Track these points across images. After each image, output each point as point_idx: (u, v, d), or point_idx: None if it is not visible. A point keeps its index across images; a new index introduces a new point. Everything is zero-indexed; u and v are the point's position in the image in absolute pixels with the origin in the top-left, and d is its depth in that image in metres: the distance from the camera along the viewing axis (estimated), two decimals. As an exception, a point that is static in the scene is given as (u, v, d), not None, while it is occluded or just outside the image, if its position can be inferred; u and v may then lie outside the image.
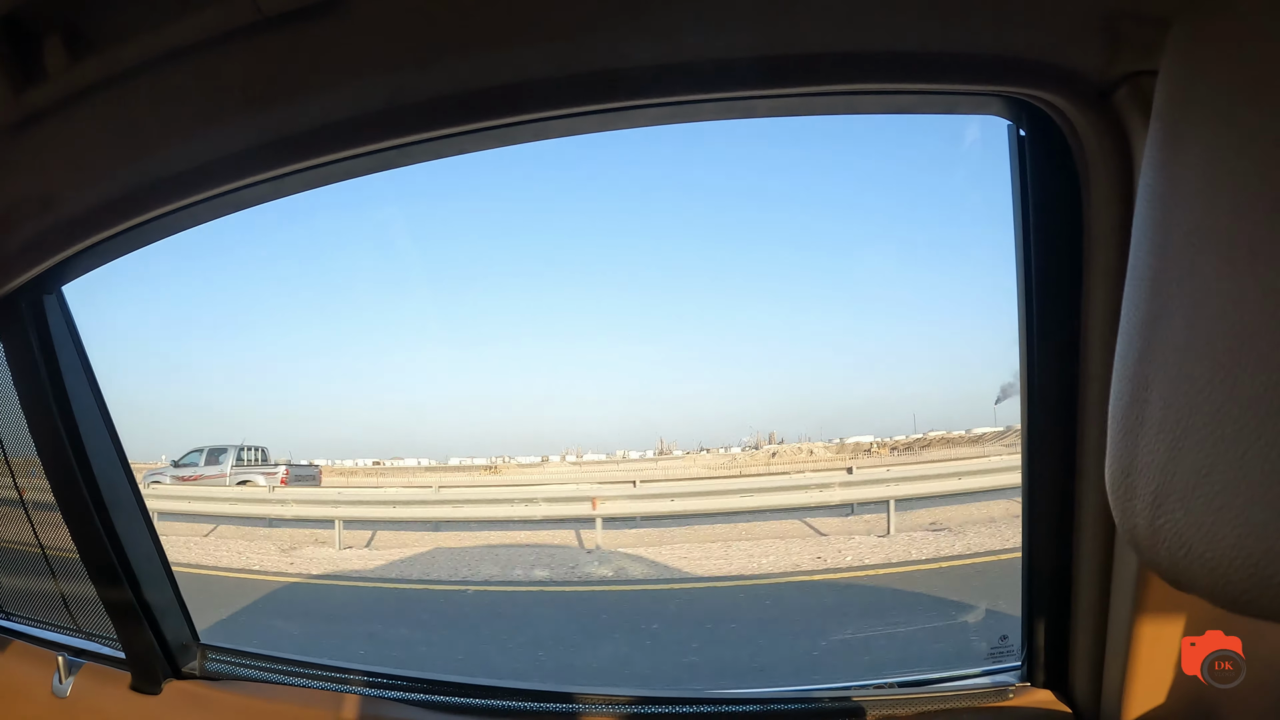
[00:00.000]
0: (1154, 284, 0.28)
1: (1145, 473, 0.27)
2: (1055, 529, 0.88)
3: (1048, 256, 0.82)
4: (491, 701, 1.02)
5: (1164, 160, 0.28)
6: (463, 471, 14.74)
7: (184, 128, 0.80)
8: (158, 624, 1.16)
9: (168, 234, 1.04)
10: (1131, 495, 0.27)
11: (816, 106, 0.80)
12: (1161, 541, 0.26)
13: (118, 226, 0.97)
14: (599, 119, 0.80)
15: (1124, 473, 0.28)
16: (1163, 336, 0.27)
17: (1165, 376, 0.26)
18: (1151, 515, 0.26)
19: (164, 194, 0.91)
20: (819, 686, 0.98)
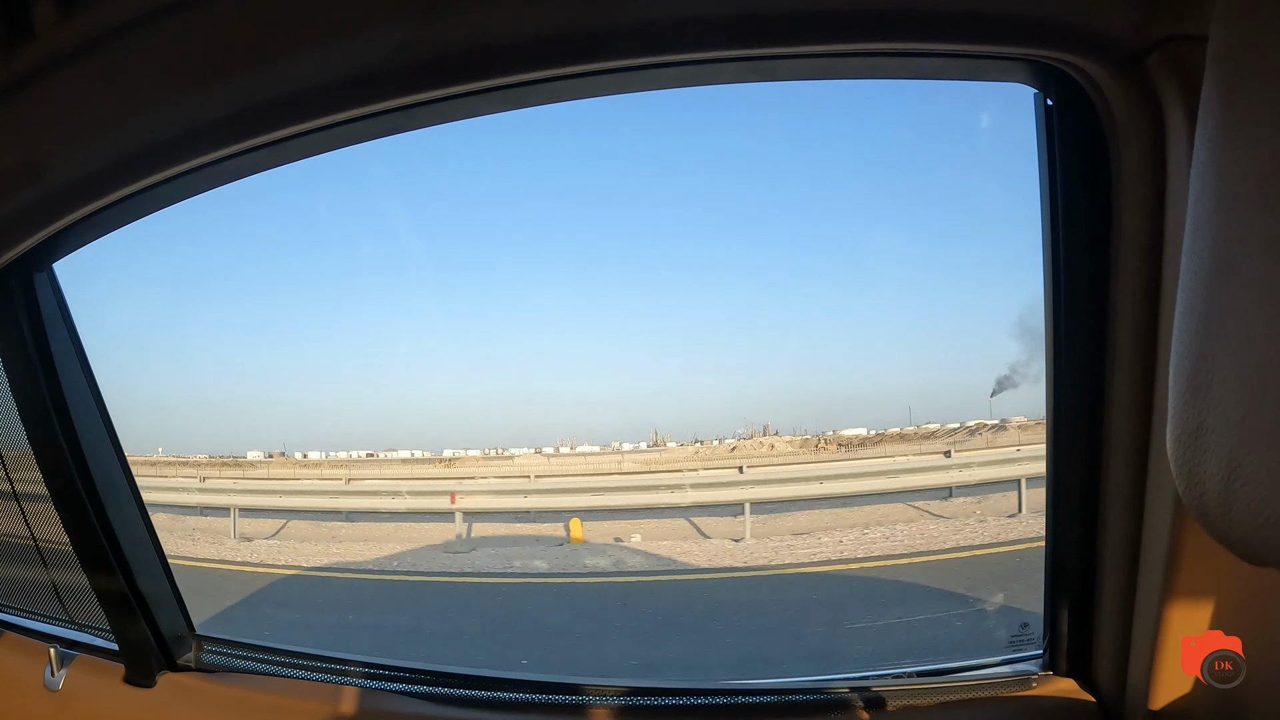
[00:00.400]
0: (1221, 232, 0.25)
1: (1217, 433, 0.24)
2: (1080, 515, 0.86)
3: (1075, 229, 0.80)
4: (489, 693, 0.99)
5: (1226, 105, 0.26)
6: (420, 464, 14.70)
7: (181, 88, 0.77)
8: (152, 615, 1.13)
9: (162, 205, 1.01)
10: (1199, 460, 0.25)
11: (838, 68, 0.78)
12: (1236, 509, 0.23)
13: (111, 196, 0.93)
14: (612, 79, 0.77)
15: (1191, 435, 0.25)
16: (1233, 286, 0.24)
17: (1237, 328, 0.24)
18: (1225, 480, 0.24)
19: (159, 160, 0.87)
20: (837, 676, 0.96)
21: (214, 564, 5.70)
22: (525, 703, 0.97)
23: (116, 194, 0.93)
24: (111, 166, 0.89)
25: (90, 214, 0.97)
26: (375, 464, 14.25)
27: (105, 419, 1.13)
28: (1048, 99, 0.79)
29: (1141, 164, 0.72)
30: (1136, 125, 0.71)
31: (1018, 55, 0.74)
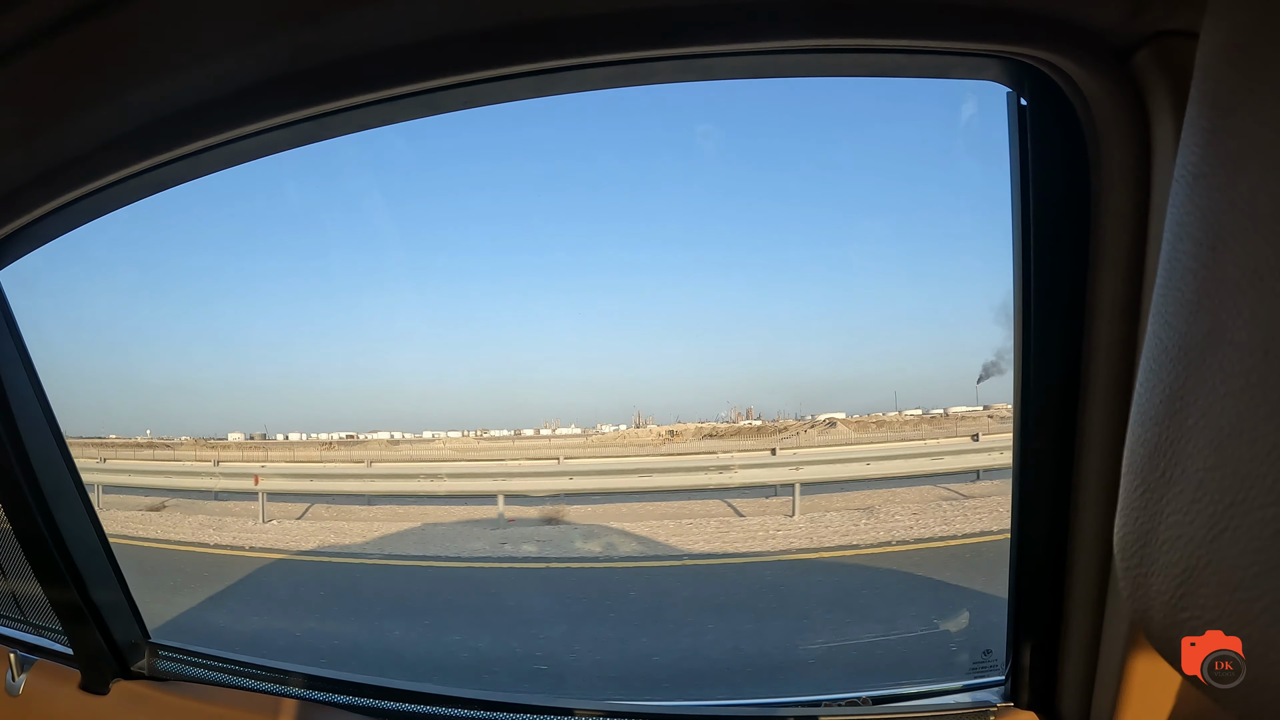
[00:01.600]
0: (1199, 301, 0.20)
1: (1169, 548, 0.20)
2: (1047, 541, 0.81)
3: (1049, 242, 0.74)
4: (439, 709, 0.97)
5: (1215, 137, 0.20)
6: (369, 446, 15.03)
7: (143, 76, 0.73)
8: (104, 622, 1.12)
9: (118, 205, 0.97)
10: (1147, 573, 0.21)
11: (785, 67, 0.72)
12: (1184, 640, 0.20)
13: (61, 198, 0.90)
14: (543, 80, 0.72)
15: (1139, 541, 0.21)
16: (1210, 374, 0.19)
17: (1211, 427, 0.19)
18: (1172, 606, 0.20)
19: (115, 158, 0.84)
20: (789, 700, 0.93)
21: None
22: None
23: (69, 195, 0.89)
24: (64, 165, 0.85)
25: (39, 217, 0.94)
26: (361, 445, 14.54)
27: (54, 426, 1.11)
28: (1021, 98, 0.73)
29: (1124, 173, 0.66)
30: (1120, 128, 0.65)
31: (989, 52, 0.68)
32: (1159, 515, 0.21)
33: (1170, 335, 0.21)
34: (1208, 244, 0.20)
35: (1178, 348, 0.21)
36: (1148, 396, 0.22)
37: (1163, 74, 0.61)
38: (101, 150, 0.83)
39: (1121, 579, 0.23)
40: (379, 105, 0.77)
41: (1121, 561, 0.22)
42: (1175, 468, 0.20)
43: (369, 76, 0.72)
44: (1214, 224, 0.20)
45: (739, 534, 5.46)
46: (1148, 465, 0.21)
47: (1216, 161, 0.20)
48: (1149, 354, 0.22)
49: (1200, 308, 0.20)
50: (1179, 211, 0.22)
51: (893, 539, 5.00)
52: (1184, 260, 0.21)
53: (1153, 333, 0.22)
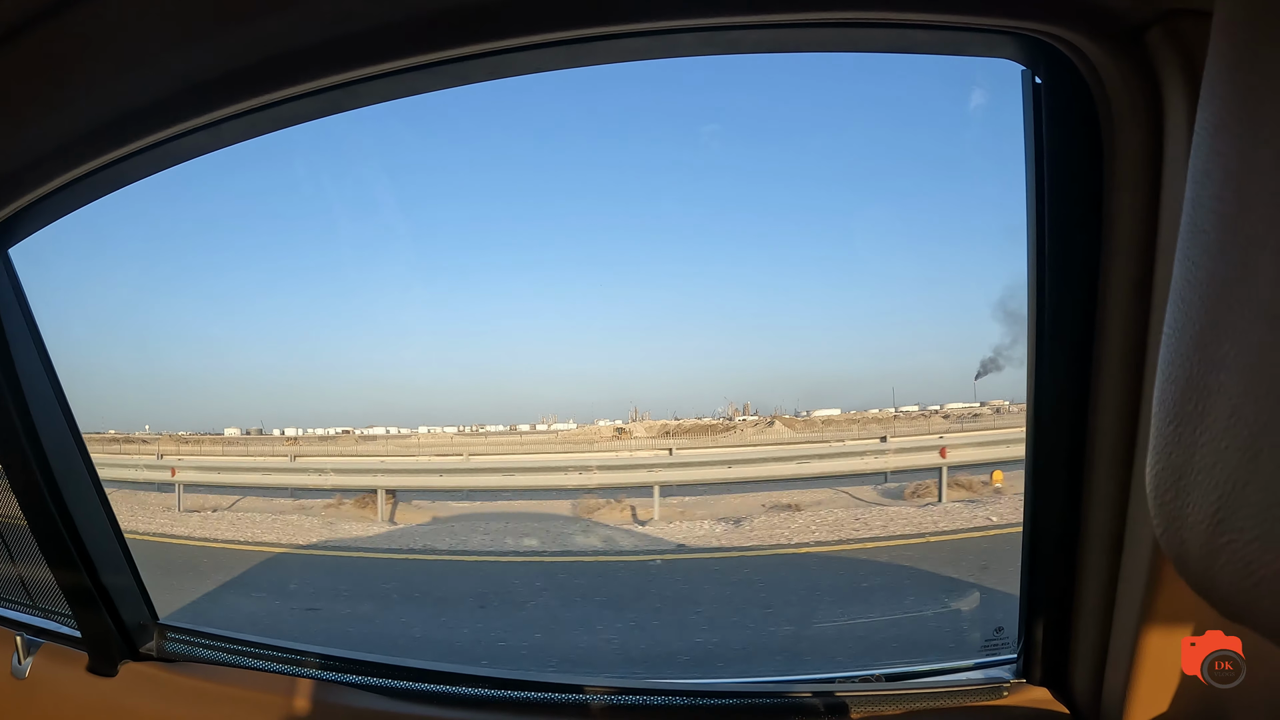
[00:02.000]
0: (1226, 236, 0.21)
1: (1205, 477, 0.20)
2: (1060, 518, 0.82)
3: (1063, 220, 0.75)
4: (447, 688, 0.97)
5: (1236, 85, 0.21)
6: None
7: (144, 56, 0.73)
8: (114, 604, 1.11)
9: (124, 183, 0.97)
10: (1182, 505, 0.21)
11: (809, 40, 0.72)
12: (1221, 565, 0.20)
13: (69, 174, 0.90)
14: (565, 51, 0.73)
15: (1174, 475, 0.22)
16: (1240, 302, 0.20)
17: (1243, 353, 0.20)
18: (1210, 532, 0.20)
19: (120, 134, 0.84)
20: (802, 677, 0.93)
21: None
22: (483, 699, 0.95)
23: (76, 171, 0.90)
24: (72, 142, 0.86)
25: (49, 193, 0.94)
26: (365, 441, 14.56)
27: (65, 409, 1.11)
28: (1036, 76, 0.74)
29: (1137, 150, 0.67)
30: (1133, 107, 0.66)
31: (1004, 28, 0.68)
32: (1194, 447, 0.21)
33: (1198, 274, 0.22)
34: (1233, 186, 0.21)
35: (1206, 285, 0.21)
36: (1177, 336, 0.22)
37: (1175, 51, 0.61)
38: (105, 127, 0.84)
39: (1156, 517, 0.23)
40: (381, 80, 0.77)
41: (1156, 499, 0.23)
42: (1208, 399, 0.21)
43: (364, 51, 0.73)
44: (1238, 168, 0.21)
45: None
46: (1180, 401, 0.22)
47: (1238, 111, 0.21)
48: (1176, 296, 0.23)
49: (1227, 246, 0.21)
50: (1202, 160, 0.22)
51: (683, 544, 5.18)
52: (1209, 204, 0.22)
53: (1179, 276, 0.23)
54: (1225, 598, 0.21)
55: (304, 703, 1.00)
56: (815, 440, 11.49)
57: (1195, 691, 0.74)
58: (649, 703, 0.91)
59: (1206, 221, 0.22)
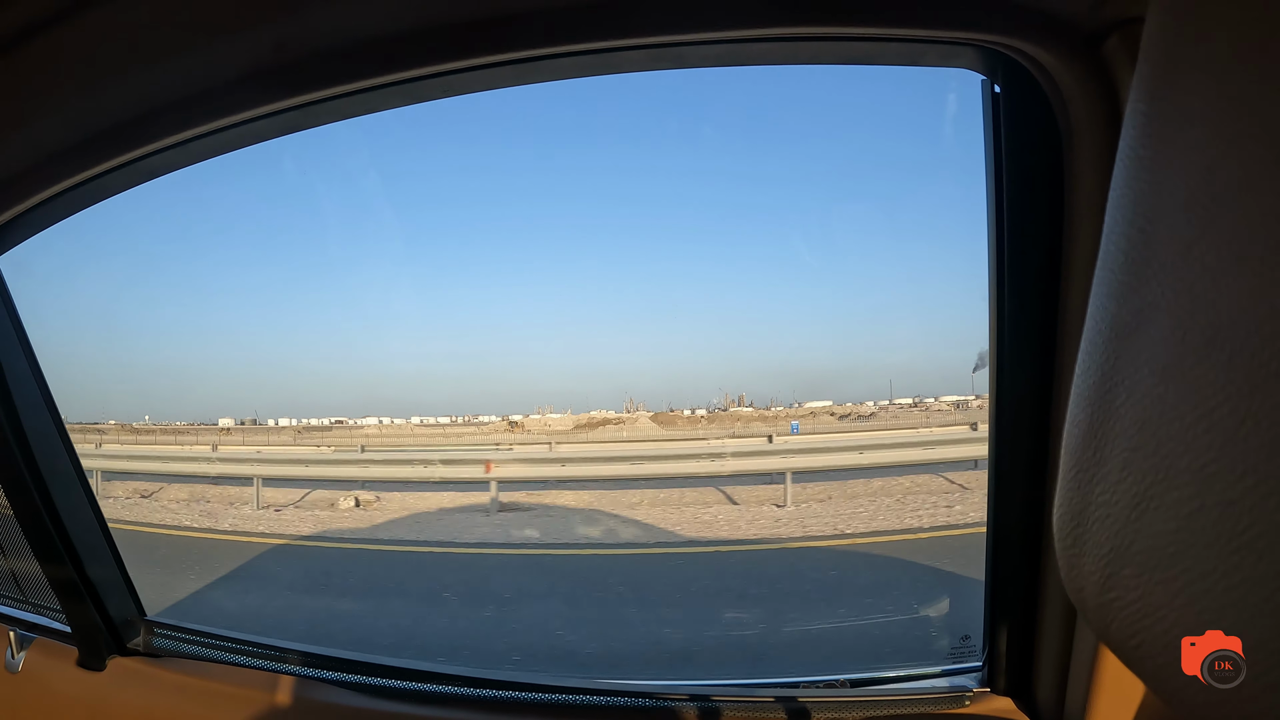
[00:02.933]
0: (1129, 282, 0.20)
1: (1098, 528, 0.20)
2: (1023, 527, 0.82)
3: (1023, 227, 0.74)
4: (434, 687, 0.99)
5: (1151, 118, 0.21)
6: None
7: (136, 67, 0.74)
8: (101, 600, 1.14)
9: (114, 192, 0.99)
10: (1080, 553, 0.21)
11: (758, 55, 0.73)
12: (1112, 620, 0.20)
13: (59, 185, 0.92)
14: (523, 69, 0.74)
15: (1073, 521, 0.22)
16: (1139, 348, 0.20)
17: (1135, 408, 0.19)
18: (1102, 584, 0.20)
19: (113, 144, 0.86)
20: (768, 681, 0.94)
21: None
22: (461, 698, 0.97)
23: (68, 181, 0.91)
24: (54, 158, 0.88)
25: (39, 203, 0.96)
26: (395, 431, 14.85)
27: (50, 406, 1.13)
28: (995, 85, 0.74)
29: (1096, 157, 0.67)
30: (1091, 115, 0.66)
31: (961, 40, 0.68)
32: (1090, 495, 0.21)
33: (1103, 317, 0.21)
34: (1139, 224, 0.20)
35: (1109, 329, 0.21)
36: (1083, 378, 0.22)
37: (1131, 60, 0.61)
38: (97, 138, 0.85)
39: (1060, 560, 0.23)
40: (368, 93, 0.78)
41: (1059, 542, 0.23)
42: (1105, 448, 0.21)
43: (354, 66, 0.74)
44: (1146, 204, 0.20)
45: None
46: (1081, 445, 0.22)
47: (1150, 142, 0.21)
48: (1086, 337, 0.22)
49: (1131, 288, 0.20)
50: (1116, 193, 0.22)
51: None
52: (1118, 241, 0.21)
53: (1090, 315, 0.22)
54: (1117, 649, 0.20)
55: (288, 699, 1.02)
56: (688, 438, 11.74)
57: (1158, 705, 0.74)
58: (614, 703, 0.92)
59: (1115, 262, 0.21)
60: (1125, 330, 0.20)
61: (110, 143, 0.86)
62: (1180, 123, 0.19)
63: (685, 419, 15.06)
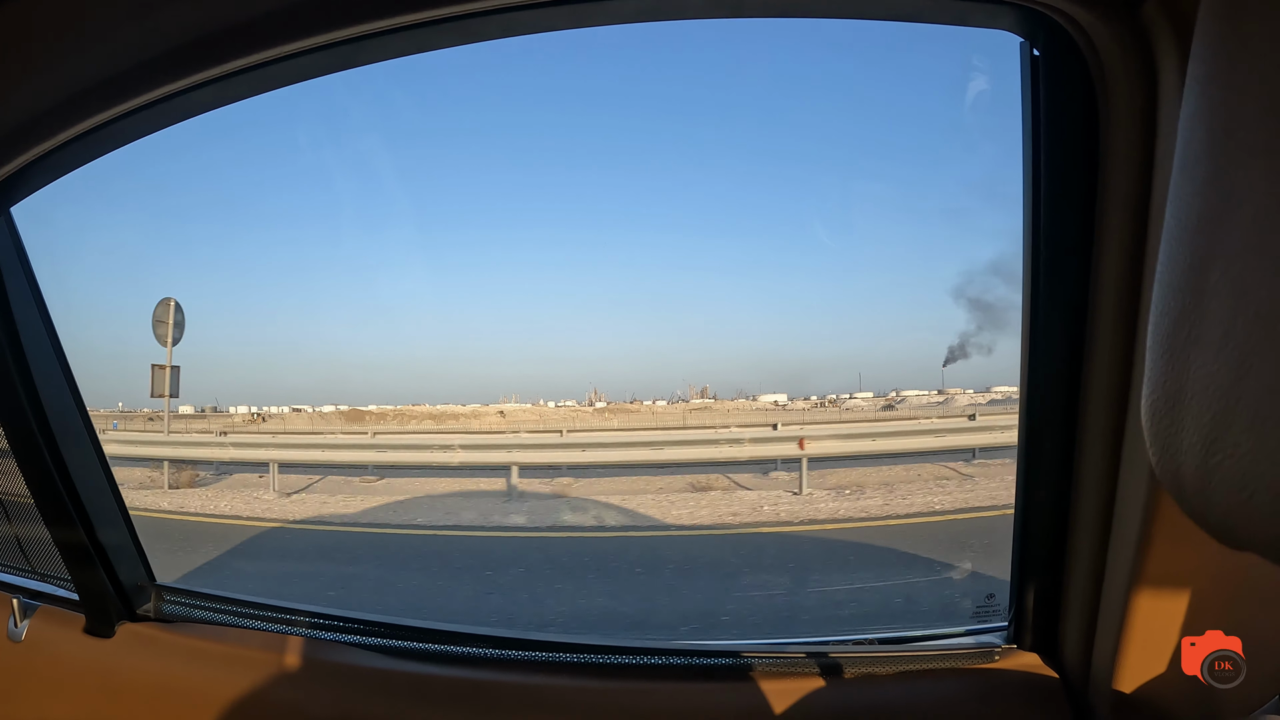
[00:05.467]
0: (1214, 176, 0.22)
1: (1199, 399, 0.21)
2: (1051, 488, 0.83)
3: (1059, 186, 0.76)
4: (443, 646, 0.98)
5: (1225, 39, 0.23)
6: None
7: (147, 10, 0.73)
8: (111, 565, 1.11)
9: (126, 140, 0.97)
10: (1176, 430, 0.22)
11: (808, 5, 0.73)
12: (1215, 486, 0.21)
13: (70, 131, 0.90)
14: (573, 11, 0.74)
15: (1168, 402, 0.23)
16: (1228, 235, 0.21)
17: (1231, 281, 0.21)
18: (1205, 451, 0.21)
19: (121, 90, 0.84)
20: (797, 640, 0.94)
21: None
22: (478, 657, 0.96)
23: (79, 127, 0.90)
24: (65, 103, 0.86)
25: (51, 150, 0.94)
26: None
27: (64, 367, 1.11)
28: (1034, 48, 0.75)
29: (1131, 119, 0.68)
30: (1127, 78, 0.67)
31: (1005, 0, 0.70)
32: (1186, 372, 0.22)
33: (1187, 211, 0.23)
34: (1220, 130, 0.22)
35: (1196, 219, 0.23)
36: (1169, 269, 0.24)
37: (1169, 24, 0.63)
38: (107, 83, 0.84)
39: (1152, 447, 0.24)
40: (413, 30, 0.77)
41: (1151, 426, 0.24)
42: (1199, 326, 0.22)
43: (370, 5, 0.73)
44: (1224, 114, 0.22)
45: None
46: (1173, 331, 0.23)
47: (1224, 64, 0.23)
48: (1168, 233, 0.24)
49: (1215, 183, 0.22)
50: (1192, 108, 0.24)
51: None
52: (1198, 147, 0.23)
53: (1170, 215, 0.24)
54: (1220, 519, 0.21)
55: (300, 660, 1.01)
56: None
57: (1190, 681, 0.75)
58: (644, 662, 0.92)
59: (1196, 163, 0.23)
60: (1213, 216, 0.22)
61: (118, 88, 0.84)
62: (1251, 43, 0.22)
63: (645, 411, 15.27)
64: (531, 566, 4.31)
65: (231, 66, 0.80)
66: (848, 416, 12.40)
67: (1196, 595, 0.73)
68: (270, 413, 15.72)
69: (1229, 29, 0.23)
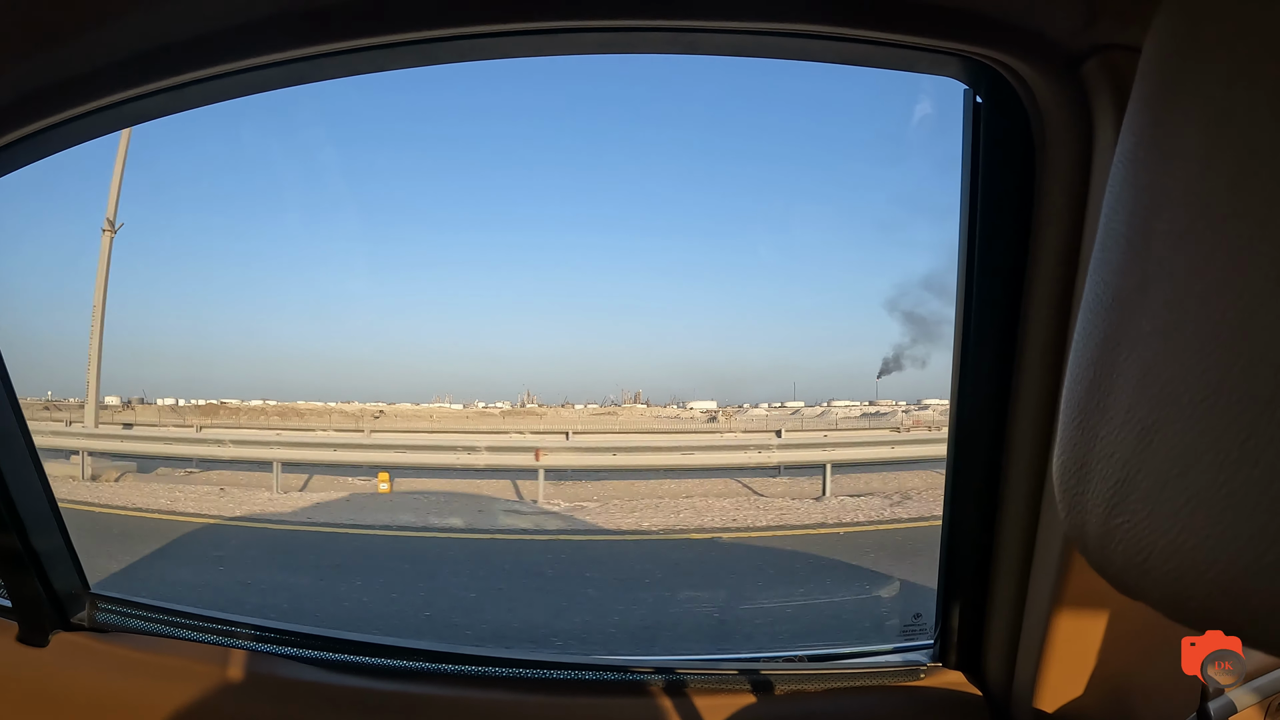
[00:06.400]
0: (1130, 260, 0.24)
1: (1103, 466, 0.24)
2: (978, 511, 0.86)
3: (994, 229, 0.79)
4: (384, 660, 0.98)
5: (1152, 125, 0.25)
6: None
7: (124, 11, 0.72)
8: (44, 572, 1.09)
9: (104, 131, 0.95)
10: (1084, 491, 0.24)
11: (766, 47, 0.75)
12: (1116, 544, 0.23)
13: (46, 120, 0.88)
14: (530, 41, 0.74)
15: (1077, 465, 0.25)
16: (1138, 317, 0.23)
17: (1138, 360, 0.23)
18: (1106, 514, 0.23)
19: (92, 89, 0.82)
20: (730, 656, 0.96)
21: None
22: (416, 671, 0.96)
23: (54, 118, 0.87)
24: (37, 93, 0.84)
25: (22, 137, 0.91)
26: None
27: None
28: (977, 96, 0.78)
29: (1067, 170, 0.71)
30: (1065, 131, 0.70)
31: (951, 50, 0.72)
32: (1094, 439, 0.24)
33: (1105, 289, 0.25)
34: (1141, 214, 0.24)
35: (1112, 298, 0.25)
36: (1084, 341, 0.26)
37: (1108, 82, 0.66)
38: (94, 74, 0.82)
39: (1060, 503, 0.26)
40: (370, 51, 0.77)
41: (1060, 485, 0.26)
42: (1108, 398, 0.24)
43: (360, 20, 0.73)
44: (1146, 198, 0.24)
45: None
46: (1084, 399, 0.25)
47: (1151, 146, 0.24)
48: (1086, 307, 0.26)
49: (1131, 265, 0.24)
50: (1117, 187, 0.26)
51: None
52: (1119, 227, 0.25)
53: (1090, 289, 0.26)
54: (1119, 573, 0.23)
55: (238, 673, 1.00)
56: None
57: (1103, 677, 0.78)
58: (577, 677, 0.93)
59: (1115, 245, 0.25)
60: (1127, 297, 0.24)
61: (103, 81, 0.83)
62: (1176, 131, 0.23)
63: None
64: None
65: (216, 70, 0.80)
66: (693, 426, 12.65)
67: (1113, 619, 0.77)
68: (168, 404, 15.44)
69: (1157, 115, 0.24)
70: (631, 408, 16.06)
